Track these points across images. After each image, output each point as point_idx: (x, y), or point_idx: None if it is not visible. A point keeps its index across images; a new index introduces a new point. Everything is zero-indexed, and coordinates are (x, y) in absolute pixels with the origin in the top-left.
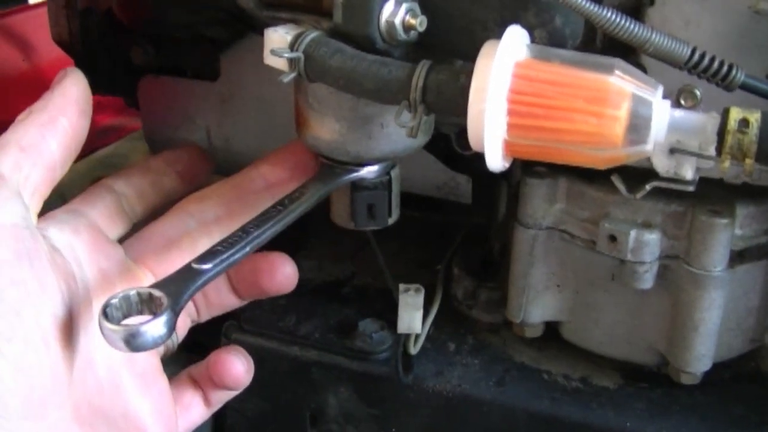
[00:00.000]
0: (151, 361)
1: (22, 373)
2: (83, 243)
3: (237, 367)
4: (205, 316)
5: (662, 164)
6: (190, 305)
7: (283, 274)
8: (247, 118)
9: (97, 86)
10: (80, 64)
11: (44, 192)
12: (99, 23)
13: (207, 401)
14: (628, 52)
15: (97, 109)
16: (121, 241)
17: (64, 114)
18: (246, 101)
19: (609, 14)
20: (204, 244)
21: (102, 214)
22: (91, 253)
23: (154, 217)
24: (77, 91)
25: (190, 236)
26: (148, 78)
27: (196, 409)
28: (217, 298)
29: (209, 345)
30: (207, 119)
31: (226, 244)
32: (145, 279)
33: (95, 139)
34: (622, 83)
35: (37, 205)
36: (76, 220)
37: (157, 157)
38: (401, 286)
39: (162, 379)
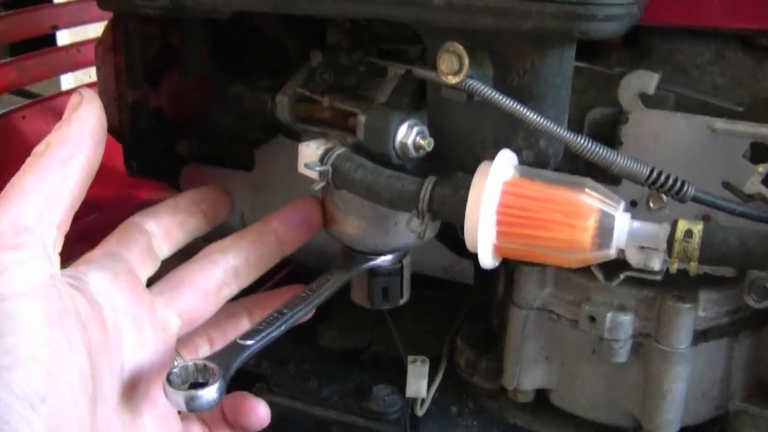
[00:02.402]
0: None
1: (53, 428)
2: (121, 291)
3: (262, 409)
4: None
5: (634, 258)
6: None
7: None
8: (276, 205)
9: (143, 171)
10: (128, 151)
11: (65, 230)
12: (148, 117)
13: None
14: None
15: (136, 185)
16: (150, 281)
17: (81, 149)
18: (276, 190)
19: (582, 141)
20: (225, 294)
21: (137, 257)
22: (127, 302)
23: (176, 255)
24: (93, 122)
25: (216, 285)
26: (190, 166)
27: None
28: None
29: None
30: (241, 204)
31: (265, 323)
32: (173, 325)
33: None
34: (590, 200)
35: (59, 245)
36: (115, 265)
37: (184, 195)
38: (410, 358)
39: (177, 421)
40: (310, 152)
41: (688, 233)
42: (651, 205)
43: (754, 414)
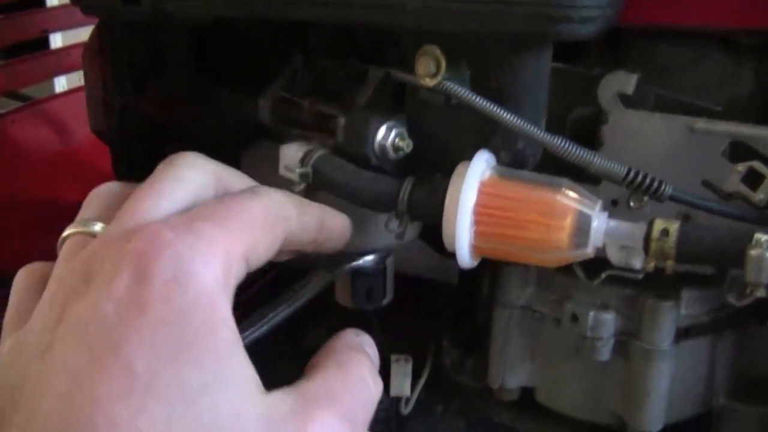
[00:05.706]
0: None
1: None
2: None
3: None
4: None
5: (615, 256)
6: None
7: None
8: None
9: (131, 174)
10: (117, 154)
11: None
12: (135, 121)
13: None
14: None
15: None
16: None
17: None
18: None
19: (559, 142)
20: None
21: None
22: None
23: None
24: None
25: None
26: None
27: None
28: None
29: None
30: None
31: (246, 325)
32: None
33: None
34: (567, 200)
35: None
36: None
37: None
38: (393, 357)
39: None
40: (290, 154)
41: (664, 232)
42: (631, 204)
43: (738, 410)
